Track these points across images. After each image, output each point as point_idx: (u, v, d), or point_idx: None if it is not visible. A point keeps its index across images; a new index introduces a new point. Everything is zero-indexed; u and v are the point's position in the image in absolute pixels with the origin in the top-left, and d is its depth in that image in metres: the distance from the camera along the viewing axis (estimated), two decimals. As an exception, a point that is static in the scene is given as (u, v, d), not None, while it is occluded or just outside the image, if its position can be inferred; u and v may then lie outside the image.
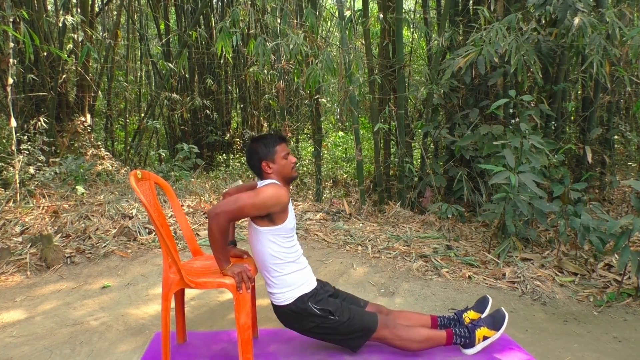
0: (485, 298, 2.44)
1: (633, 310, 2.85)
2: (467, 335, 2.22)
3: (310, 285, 2.17)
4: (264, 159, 2.13)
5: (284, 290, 2.11)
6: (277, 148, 2.14)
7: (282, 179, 2.15)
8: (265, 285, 2.17)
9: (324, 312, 2.11)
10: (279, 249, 2.09)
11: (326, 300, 2.15)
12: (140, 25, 9.03)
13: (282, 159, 2.14)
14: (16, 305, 2.95)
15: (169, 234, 2.14)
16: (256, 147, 2.15)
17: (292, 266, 2.12)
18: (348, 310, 2.15)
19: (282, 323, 2.21)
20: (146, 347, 2.39)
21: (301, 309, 2.10)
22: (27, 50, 4.08)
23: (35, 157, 5.63)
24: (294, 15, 5.80)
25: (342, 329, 2.13)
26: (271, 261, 2.09)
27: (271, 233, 2.07)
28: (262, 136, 2.20)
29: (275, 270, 2.10)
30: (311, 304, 2.10)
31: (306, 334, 2.19)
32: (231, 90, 9.32)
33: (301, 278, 2.14)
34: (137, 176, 2.14)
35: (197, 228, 4.54)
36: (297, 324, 2.16)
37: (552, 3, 3.62)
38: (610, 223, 2.93)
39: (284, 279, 2.10)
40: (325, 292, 2.21)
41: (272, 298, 2.16)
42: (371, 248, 3.91)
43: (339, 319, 2.11)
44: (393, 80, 5.08)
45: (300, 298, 2.11)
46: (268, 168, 2.13)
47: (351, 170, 7.42)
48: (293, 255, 2.14)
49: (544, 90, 4.56)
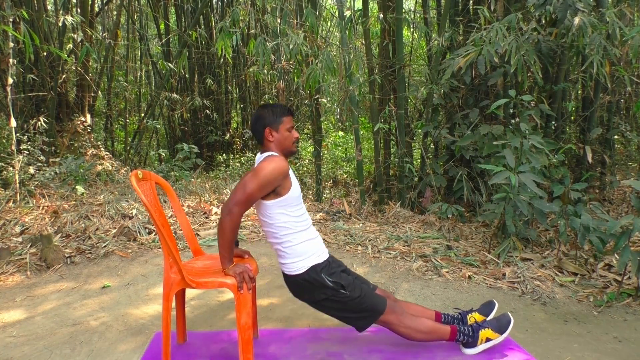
0: (491, 302, 2.44)
1: (633, 310, 2.85)
2: (470, 334, 2.22)
3: (323, 255, 2.15)
4: (268, 125, 2.12)
5: (297, 260, 2.09)
6: (283, 119, 2.13)
7: (281, 151, 2.14)
8: (278, 258, 2.15)
9: (336, 285, 2.09)
10: (289, 219, 2.08)
11: (339, 274, 2.13)
12: (140, 25, 9.03)
13: (286, 131, 2.13)
14: (16, 305, 2.95)
15: (170, 234, 2.14)
16: (263, 113, 2.14)
17: (303, 235, 2.11)
18: (360, 288, 2.14)
19: (292, 293, 2.19)
20: (146, 347, 2.39)
21: (313, 279, 2.08)
22: (27, 50, 4.08)
23: (35, 157, 5.63)
24: (294, 15, 5.79)
25: (352, 306, 2.11)
26: (282, 232, 2.08)
27: (279, 205, 2.05)
28: (272, 104, 2.19)
29: (287, 240, 2.08)
30: (324, 274, 2.09)
31: (316, 305, 2.17)
32: (231, 90, 9.32)
33: (313, 247, 2.12)
34: (138, 176, 2.15)
35: (198, 228, 4.54)
36: (307, 294, 2.14)
37: (552, 3, 3.62)
38: (610, 223, 2.93)
39: (295, 248, 2.08)
40: (337, 266, 2.20)
41: (284, 268, 2.14)
42: (371, 248, 3.91)
43: (350, 295, 2.10)
44: (393, 80, 5.09)
45: (312, 268, 2.09)
46: (270, 136, 2.12)
47: (351, 170, 7.42)
48: (303, 224, 2.12)
49: (544, 90, 4.56)
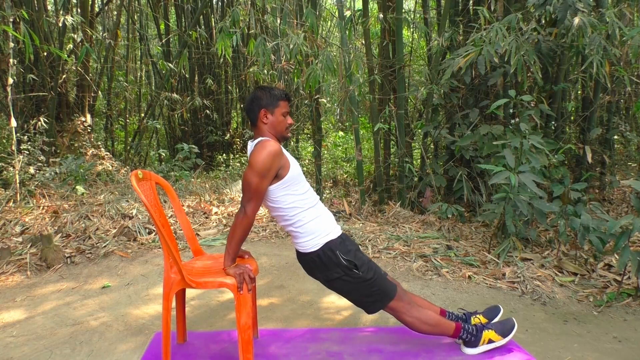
0: (496, 307, 2.43)
1: (633, 310, 2.85)
2: (474, 333, 2.22)
3: (336, 231, 2.15)
4: (264, 107, 2.10)
5: (310, 237, 2.08)
6: (280, 102, 2.12)
7: (274, 135, 2.12)
8: (292, 239, 2.15)
9: (350, 264, 2.08)
10: (295, 198, 2.07)
11: (354, 253, 2.13)
12: (140, 25, 9.04)
13: (281, 115, 2.12)
14: (16, 305, 2.95)
15: (170, 234, 2.14)
16: (261, 94, 2.12)
17: (313, 212, 2.11)
18: (373, 270, 2.13)
19: (306, 270, 2.19)
20: (146, 347, 2.39)
21: (328, 257, 2.08)
22: (27, 50, 4.08)
23: (35, 157, 5.63)
24: (294, 15, 5.79)
25: (364, 287, 2.11)
26: (291, 213, 2.08)
27: (282, 187, 2.04)
28: (271, 87, 2.17)
29: (298, 220, 2.08)
30: (339, 252, 2.08)
31: (328, 284, 2.17)
32: (231, 90, 9.32)
33: (325, 224, 2.12)
34: (138, 176, 2.15)
35: (198, 228, 4.54)
36: (321, 272, 2.13)
37: (552, 3, 3.62)
38: (610, 223, 2.93)
39: (307, 226, 2.08)
40: (352, 244, 2.19)
41: (297, 247, 2.14)
42: (371, 248, 3.91)
43: (363, 275, 2.09)
44: (393, 80, 5.09)
45: (327, 245, 2.08)
46: (265, 117, 2.10)
47: (351, 170, 7.42)
48: (311, 201, 2.12)
49: (544, 90, 4.56)
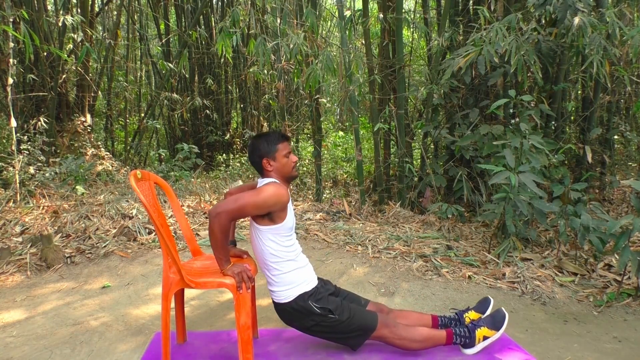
0: (486, 299, 2.44)
1: (633, 310, 2.85)
2: (467, 335, 2.23)
3: (311, 283, 2.18)
4: (265, 156, 2.13)
5: (285, 288, 2.12)
6: (279, 146, 2.14)
7: (282, 178, 2.16)
8: (267, 284, 2.18)
9: (324, 311, 2.11)
10: (279, 247, 2.10)
11: (326, 298, 2.16)
12: (140, 25, 9.03)
13: (284, 158, 2.14)
14: (16, 305, 2.95)
15: (169, 234, 2.14)
16: (258, 144, 2.15)
17: (292, 264, 2.13)
18: (348, 309, 2.16)
19: (283, 320, 2.22)
20: (146, 347, 2.39)
21: (301, 307, 2.11)
22: (27, 50, 4.08)
23: (35, 157, 5.63)
24: (294, 15, 5.79)
25: (342, 328, 2.14)
26: (271, 259, 2.10)
27: (271, 232, 2.08)
28: (265, 133, 2.20)
29: (275, 268, 2.11)
30: (311, 302, 2.11)
31: (306, 331, 2.20)
32: (231, 90, 9.32)
33: (301, 276, 2.15)
34: (137, 176, 2.15)
35: (197, 228, 4.54)
36: (297, 321, 2.17)
37: (552, 3, 3.62)
38: (610, 223, 2.93)
39: (283, 277, 2.11)
40: (325, 290, 2.22)
41: (272, 296, 2.17)
42: (371, 248, 3.91)
43: (338, 318, 2.12)
44: (393, 80, 5.08)
45: (300, 296, 2.11)
46: (269, 165, 2.14)
47: (351, 170, 7.42)
48: (292, 254, 2.15)
49: (544, 90, 4.56)
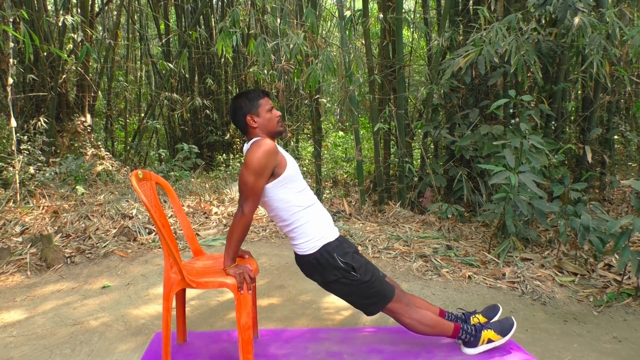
0: (495, 306, 2.43)
1: (633, 310, 2.85)
2: (473, 333, 2.22)
3: (333, 234, 2.14)
4: (248, 112, 2.10)
5: (308, 239, 2.08)
6: (260, 102, 2.12)
7: (267, 133, 2.12)
8: (290, 240, 2.15)
9: (348, 267, 2.07)
10: (291, 196, 2.06)
11: (352, 255, 2.12)
12: (140, 25, 9.04)
13: (267, 112, 2.11)
14: (16, 305, 2.95)
15: (170, 234, 2.14)
16: (240, 102, 2.12)
17: (311, 212, 2.10)
18: (371, 272, 2.13)
19: (304, 272, 2.18)
20: (146, 347, 2.39)
21: (326, 260, 2.07)
22: (27, 50, 4.08)
23: (35, 157, 5.63)
24: (294, 15, 5.79)
25: (361, 289, 2.10)
26: (289, 212, 2.07)
27: (279, 185, 2.04)
28: (245, 92, 2.17)
29: (295, 220, 2.07)
30: (337, 255, 2.07)
31: (326, 287, 2.16)
32: (231, 90, 9.32)
33: (322, 225, 2.12)
34: (138, 176, 2.15)
35: (198, 228, 4.54)
36: (318, 274, 2.13)
37: (552, 3, 3.62)
38: (610, 223, 2.93)
39: (304, 228, 2.07)
40: (350, 246, 2.18)
41: (295, 248, 2.13)
42: (371, 248, 3.91)
43: (360, 278, 2.08)
44: (393, 80, 5.08)
45: (325, 247, 2.07)
46: (253, 122, 2.10)
47: (351, 170, 7.42)
48: (308, 200, 2.11)
49: (544, 90, 4.56)
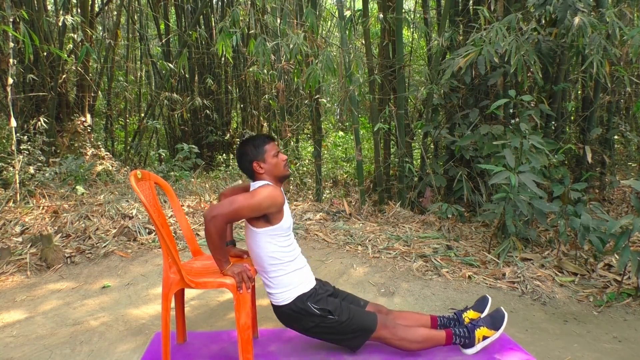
0: (484, 298, 2.44)
1: (633, 310, 2.85)
2: (466, 335, 2.23)
3: (309, 284, 2.17)
4: (254, 159, 2.13)
5: (283, 290, 2.11)
6: (266, 147, 2.14)
7: (274, 178, 2.15)
8: (264, 286, 2.17)
9: (323, 312, 2.11)
10: (277, 249, 2.09)
11: (325, 299, 2.15)
12: (140, 25, 9.03)
13: (273, 158, 2.14)
14: (16, 305, 2.95)
15: (169, 234, 2.14)
16: (245, 149, 2.15)
17: (290, 266, 2.12)
18: (347, 310, 2.15)
19: (282, 323, 2.21)
20: (146, 347, 2.39)
21: (300, 309, 2.10)
22: (27, 50, 4.08)
23: (35, 157, 5.63)
24: (294, 15, 5.79)
25: (342, 329, 2.13)
26: (269, 262, 2.10)
27: (268, 233, 2.07)
28: (250, 137, 2.20)
29: (273, 271, 2.10)
30: (310, 303, 2.11)
31: (306, 333, 2.19)
32: (231, 90, 9.32)
33: (299, 278, 2.14)
34: (137, 176, 2.15)
35: (197, 228, 4.54)
36: (296, 323, 2.17)
37: (552, 3, 3.62)
38: (610, 223, 2.93)
39: (282, 279, 2.10)
40: (324, 291, 2.21)
41: (271, 298, 2.17)
42: (371, 248, 3.91)
43: (338, 319, 2.12)
44: (393, 80, 5.08)
45: (299, 297, 2.11)
46: (260, 168, 2.13)
47: (351, 170, 7.42)
48: (291, 255, 2.14)
49: (544, 90, 4.56)
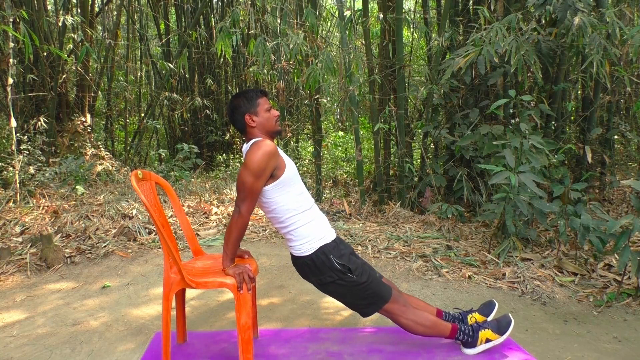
0: (491, 302, 2.43)
1: (633, 310, 2.85)
2: (470, 334, 2.22)
3: (330, 235, 2.14)
4: (247, 112, 2.10)
5: (305, 242, 2.08)
6: (259, 101, 2.12)
7: (266, 133, 2.13)
8: (285, 241, 2.15)
9: (344, 268, 2.08)
10: (290, 199, 2.07)
11: (348, 257, 2.12)
12: (140, 25, 9.03)
13: (266, 112, 2.12)
14: (16, 305, 2.95)
15: (170, 234, 2.14)
16: (238, 101, 2.13)
17: (308, 215, 2.10)
18: (367, 273, 2.13)
19: (300, 274, 2.18)
20: (146, 347, 2.39)
21: (322, 261, 2.07)
22: (27, 50, 4.08)
23: (35, 157, 5.64)
24: (294, 15, 5.80)
25: (358, 290, 2.11)
26: (287, 215, 2.07)
27: (277, 187, 2.04)
28: (243, 91, 2.17)
29: (292, 222, 2.08)
30: (333, 257, 2.08)
31: (322, 288, 2.16)
32: (231, 90, 9.32)
33: (319, 227, 2.12)
34: (138, 176, 2.15)
35: (198, 228, 4.54)
36: (314, 276, 2.13)
37: (552, 3, 3.62)
38: (610, 223, 2.93)
39: (302, 230, 2.08)
40: (346, 248, 2.18)
41: (292, 250, 2.13)
42: (371, 248, 3.91)
43: (357, 279, 2.09)
44: (393, 80, 5.08)
45: (321, 249, 2.08)
46: (252, 121, 2.11)
47: (351, 170, 7.42)
48: (306, 203, 2.12)
49: (544, 90, 4.56)
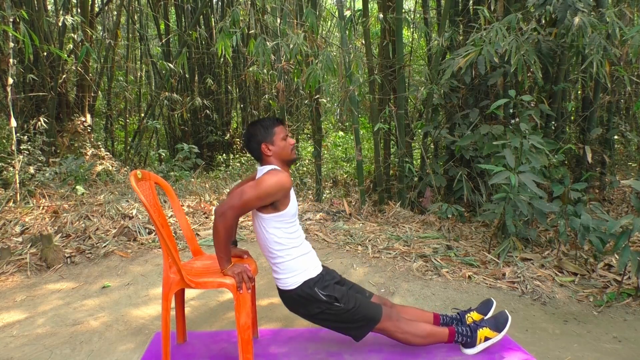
0: (489, 301, 2.44)
1: (633, 310, 2.85)
2: (468, 334, 2.22)
3: (316, 269, 2.16)
4: (263, 141, 2.12)
5: (290, 275, 2.10)
6: (275, 129, 2.13)
7: (281, 162, 2.15)
8: (272, 272, 2.16)
9: (330, 299, 2.09)
10: (283, 234, 2.08)
11: (332, 286, 2.14)
12: (140, 25, 9.03)
13: (282, 141, 2.13)
14: (16, 305, 2.95)
15: (170, 234, 2.14)
16: (255, 130, 2.14)
17: (296, 251, 2.12)
18: (354, 299, 2.14)
19: (288, 308, 2.20)
20: (146, 347, 2.39)
21: (307, 294, 2.09)
22: (27, 50, 4.08)
23: (35, 157, 5.63)
24: (294, 15, 5.79)
25: (347, 317, 2.12)
26: (275, 247, 2.09)
27: (275, 219, 2.06)
28: (260, 119, 2.19)
29: (279, 256, 2.09)
30: (317, 289, 2.09)
31: (311, 319, 2.18)
32: (231, 90, 9.33)
33: (306, 262, 2.13)
34: (137, 176, 2.15)
35: (197, 228, 4.54)
36: (302, 308, 2.15)
37: (552, 3, 3.62)
38: (610, 223, 2.93)
39: (288, 264, 2.10)
40: (331, 278, 2.20)
41: (277, 283, 2.15)
42: (371, 248, 3.91)
43: (344, 307, 2.10)
44: (393, 80, 5.08)
45: (306, 283, 2.09)
46: (268, 150, 2.12)
47: (351, 170, 7.42)
48: (296, 241, 2.13)
49: (544, 90, 4.56)
